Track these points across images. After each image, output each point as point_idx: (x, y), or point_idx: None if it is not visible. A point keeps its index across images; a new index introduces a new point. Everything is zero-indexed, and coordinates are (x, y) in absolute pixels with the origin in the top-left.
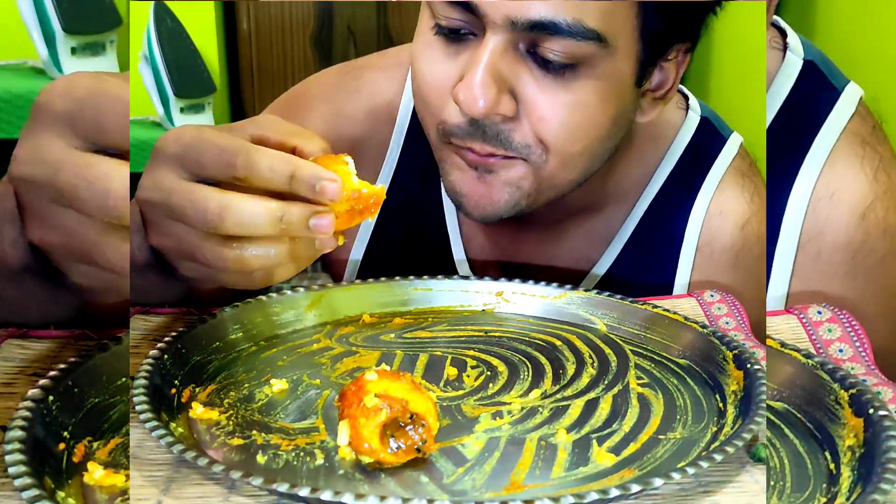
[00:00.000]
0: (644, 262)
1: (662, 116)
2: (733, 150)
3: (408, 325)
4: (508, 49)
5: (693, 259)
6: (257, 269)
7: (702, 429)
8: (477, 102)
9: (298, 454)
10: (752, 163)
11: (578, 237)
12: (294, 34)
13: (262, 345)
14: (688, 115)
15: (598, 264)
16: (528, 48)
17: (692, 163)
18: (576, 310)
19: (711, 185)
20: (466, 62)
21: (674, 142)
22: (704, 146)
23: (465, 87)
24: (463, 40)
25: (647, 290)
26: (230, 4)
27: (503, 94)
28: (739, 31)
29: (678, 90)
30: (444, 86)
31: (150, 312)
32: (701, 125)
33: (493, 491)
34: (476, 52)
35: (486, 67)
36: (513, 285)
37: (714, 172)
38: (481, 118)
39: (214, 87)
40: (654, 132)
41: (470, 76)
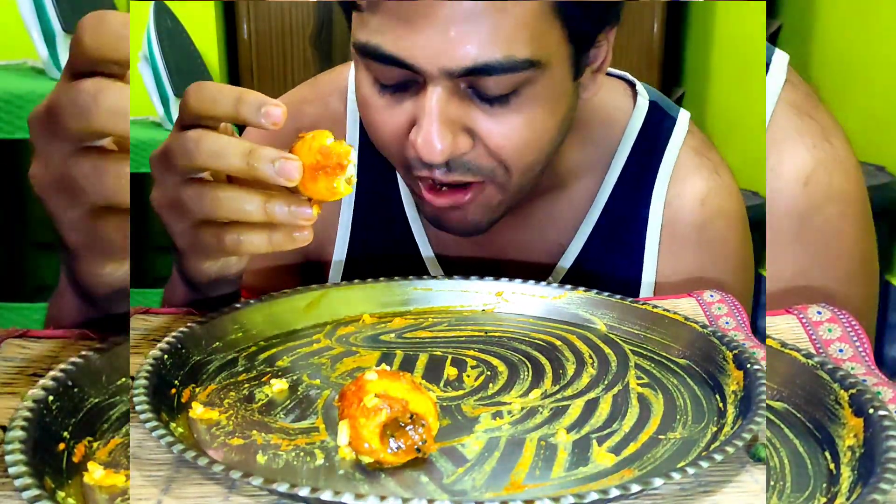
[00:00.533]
0: (613, 245)
1: (611, 102)
2: (683, 130)
3: (408, 325)
4: (453, 93)
5: (658, 240)
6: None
7: (702, 429)
8: (436, 151)
9: (298, 454)
10: (703, 139)
11: (546, 220)
12: (294, 35)
13: (262, 345)
14: (637, 101)
15: (568, 249)
16: (469, 85)
17: (648, 145)
18: (576, 310)
19: (668, 168)
20: (415, 109)
21: (627, 126)
22: (656, 128)
23: (423, 138)
24: (405, 89)
25: (618, 272)
26: (230, 5)
27: (458, 135)
28: (739, 31)
29: (623, 78)
30: (399, 133)
31: (150, 312)
32: (650, 109)
33: (493, 491)
34: (422, 100)
35: (437, 117)
36: (513, 285)
37: (669, 154)
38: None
39: None
40: (607, 116)
41: (425, 127)
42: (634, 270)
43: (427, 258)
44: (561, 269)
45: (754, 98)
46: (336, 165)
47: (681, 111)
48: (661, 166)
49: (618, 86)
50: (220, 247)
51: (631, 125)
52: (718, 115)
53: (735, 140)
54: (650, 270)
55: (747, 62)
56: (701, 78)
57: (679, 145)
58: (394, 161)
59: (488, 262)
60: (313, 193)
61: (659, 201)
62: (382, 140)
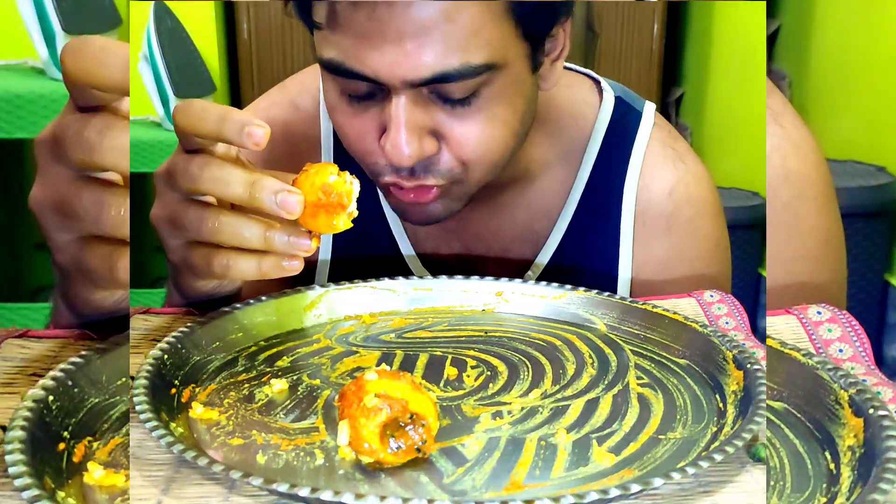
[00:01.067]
0: (589, 238)
1: (578, 98)
2: (650, 122)
3: (408, 325)
4: (417, 99)
5: (632, 232)
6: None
7: (702, 429)
8: (404, 157)
9: (298, 454)
10: (669, 129)
11: (519, 208)
12: (294, 35)
13: (262, 345)
14: (603, 97)
15: (546, 243)
16: (431, 91)
17: (616, 139)
18: (576, 310)
19: (637, 161)
20: (382, 117)
21: (596, 120)
22: (623, 122)
23: (391, 145)
24: (371, 98)
25: (595, 265)
26: (230, 4)
27: (424, 139)
28: (739, 31)
29: (587, 75)
30: (367, 139)
31: (150, 312)
32: (617, 103)
33: (493, 491)
34: (388, 109)
35: (404, 124)
36: (513, 285)
37: (637, 147)
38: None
39: (214, 87)
40: (573, 110)
41: (393, 135)
42: (611, 262)
43: (407, 256)
44: (540, 263)
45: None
46: (337, 204)
47: (646, 104)
48: (631, 159)
49: (584, 82)
50: (208, 269)
51: (599, 119)
52: (718, 115)
53: (735, 140)
54: (626, 262)
55: (747, 62)
56: (701, 78)
57: (646, 138)
58: (362, 164)
59: (468, 258)
60: (312, 227)
61: (631, 193)
62: (351, 146)
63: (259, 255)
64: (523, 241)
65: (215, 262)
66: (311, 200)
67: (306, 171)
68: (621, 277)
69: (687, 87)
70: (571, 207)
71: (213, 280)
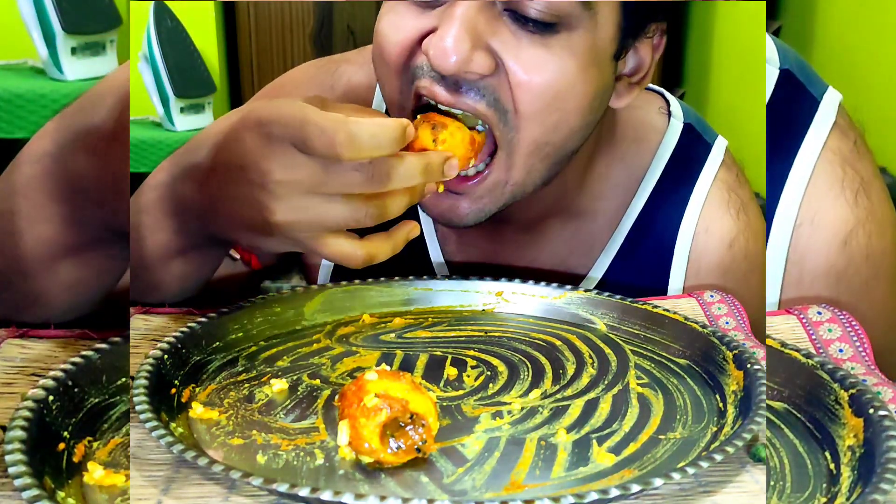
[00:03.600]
0: (634, 274)
1: (645, 120)
2: (718, 159)
3: (408, 325)
4: (485, 9)
5: (684, 276)
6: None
7: (702, 429)
8: (448, 57)
9: (298, 454)
10: (738, 173)
11: (559, 241)
12: (294, 33)
13: (262, 345)
14: (671, 122)
15: (589, 275)
16: (505, 6)
17: (679, 172)
18: (576, 310)
19: (699, 199)
20: (438, 17)
21: (659, 148)
22: (689, 153)
23: (437, 39)
24: (434, 4)
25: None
26: (230, 4)
27: (477, 51)
28: (739, 31)
29: (660, 94)
30: (411, 38)
31: (150, 312)
32: (685, 131)
33: (493, 491)
34: (450, 7)
35: (460, 20)
36: (513, 285)
37: (701, 185)
38: (452, 75)
39: (214, 87)
40: (637, 135)
41: (443, 29)
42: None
43: (437, 264)
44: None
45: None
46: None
47: (718, 138)
48: (692, 197)
49: (653, 101)
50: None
51: (663, 146)
52: (718, 115)
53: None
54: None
55: (747, 62)
56: (701, 78)
57: (712, 177)
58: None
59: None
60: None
61: (687, 235)
62: (387, 50)
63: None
64: (560, 276)
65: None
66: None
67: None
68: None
69: (687, 87)
70: (618, 241)
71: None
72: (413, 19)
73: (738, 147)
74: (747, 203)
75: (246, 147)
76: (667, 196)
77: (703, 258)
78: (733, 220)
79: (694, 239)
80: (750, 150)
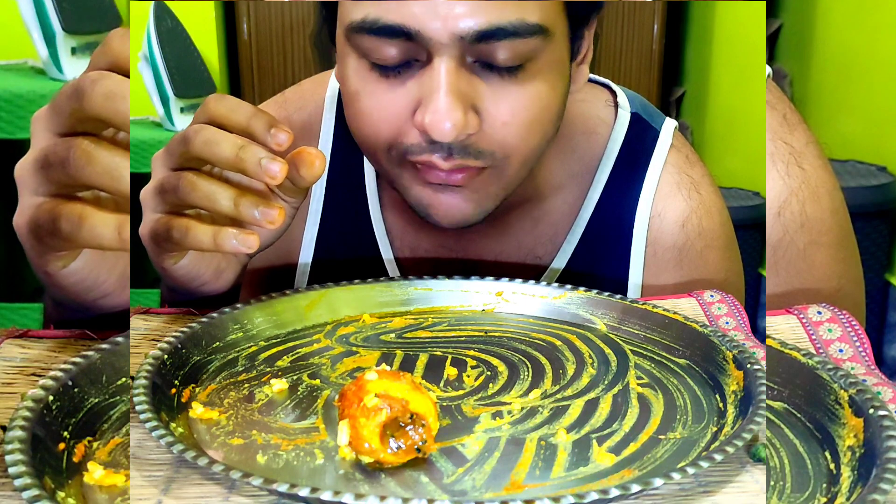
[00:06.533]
0: (596, 262)
1: (593, 113)
2: (667, 143)
3: (408, 325)
4: (461, 66)
5: (643, 260)
6: (198, 204)
7: (702, 429)
8: (445, 129)
9: (298, 454)
10: (688, 154)
11: (523, 233)
12: (294, 34)
13: (262, 345)
14: (618, 113)
15: (551, 265)
16: (475, 59)
17: (630, 160)
18: (576, 310)
19: (651, 185)
20: (419, 89)
21: (610, 138)
22: (638, 142)
23: (433, 113)
24: (407, 69)
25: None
26: (230, 4)
27: (468, 112)
28: (739, 31)
29: (606, 86)
30: (398, 115)
31: (150, 312)
32: (633, 121)
33: (493, 491)
34: (428, 77)
35: (448, 92)
36: (513, 285)
37: (652, 171)
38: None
39: (214, 87)
40: (587, 128)
41: (434, 103)
42: (617, 288)
43: (387, 260)
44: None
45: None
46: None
47: (665, 121)
48: (645, 183)
49: (599, 95)
50: (168, 235)
51: (612, 138)
52: (718, 115)
53: (735, 140)
54: (634, 293)
55: (747, 62)
56: (701, 78)
57: (662, 162)
58: (380, 155)
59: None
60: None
61: (643, 221)
62: (375, 127)
63: (217, 229)
64: (525, 268)
65: (175, 226)
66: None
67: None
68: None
69: (688, 87)
70: (578, 231)
71: (175, 252)
72: (390, 94)
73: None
74: (699, 181)
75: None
76: (621, 185)
77: (658, 241)
78: (685, 201)
79: (650, 224)
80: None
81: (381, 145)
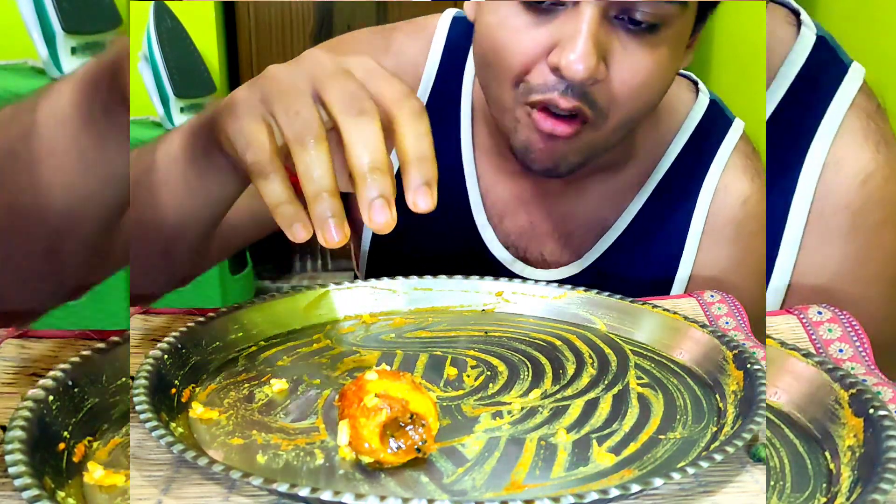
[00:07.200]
0: (654, 229)
1: (676, 93)
2: (738, 132)
3: (408, 325)
4: (603, 17)
5: (702, 229)
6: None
7: (702, 429)
8: (580, 71)
9: (298, 454)
10: (753, 147)
11: (595, 196)
12: (294, 33)
13: (262, 345)
14: (699, 97)
15: (612, 227)
16: (616, 14)
17: (703, 139)
18: (576, 310)
19: (720, 164)
20: (559, 30)
21: (687, 117)
22: (713, 126)
23: (574, 56)
24: (551, 11)
25: (656, 256)
26: (230, 4)
27: (600, 62)
28: (739, 31)
29: (687, 76)
30: (534, 53)
31: (150, 312)
32: (710, 106)
33: (493, 491)
34: (572, 21)
35: (588, 37)
36: (513, 285)
37: (722, 151)
38: (585, 80)
39: (214, 87)
40: (670, 105)
41: (573, 45)
42: (670, 260)
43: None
44: (600, 247)
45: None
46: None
47: (737, 119)
48: (714, 161)
49: (681, 81)
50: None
51: (691, 116)
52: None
53: None
54: (687, 262)
55: (747, 62)
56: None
57: (733, 145)
58: (504, 90)
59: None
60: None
61: (707, 195)
62: (509, 61)
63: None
64: (587, 228)
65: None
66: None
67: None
68: (679, 276)
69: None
70: (642, 199)
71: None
72: (533, 31)
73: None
74: (760, 171)
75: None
76: (690, 160)
77: (719, 213)
78: (749, 183)
79: (714, 197)
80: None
81: (510, 80)
